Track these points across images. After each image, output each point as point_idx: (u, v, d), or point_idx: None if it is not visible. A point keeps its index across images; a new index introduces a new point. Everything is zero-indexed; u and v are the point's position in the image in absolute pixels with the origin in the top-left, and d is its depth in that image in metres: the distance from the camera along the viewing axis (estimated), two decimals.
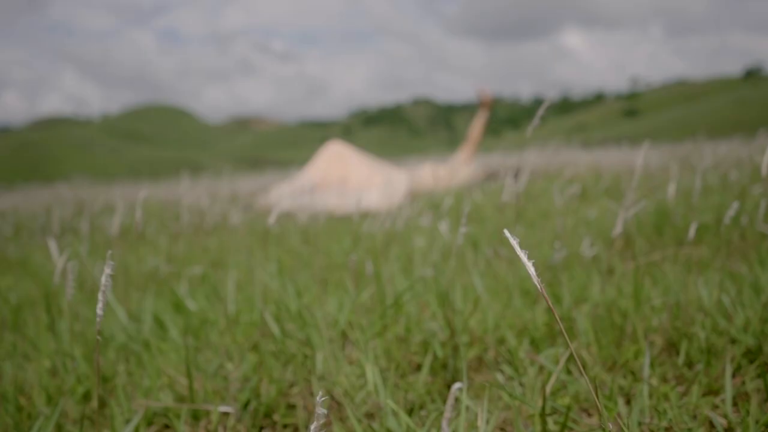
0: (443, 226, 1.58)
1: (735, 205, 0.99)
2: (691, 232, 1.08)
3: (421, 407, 0.96)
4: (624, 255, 2.03)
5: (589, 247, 1.76)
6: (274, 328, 1.16)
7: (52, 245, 1.45)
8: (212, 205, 5.01)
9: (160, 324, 1.42)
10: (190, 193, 6.92)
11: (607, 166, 5.85)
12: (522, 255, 0.48)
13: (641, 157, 1.13)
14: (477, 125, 4.98)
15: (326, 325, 1.22)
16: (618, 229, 1.09)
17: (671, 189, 1.62)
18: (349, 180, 4.49)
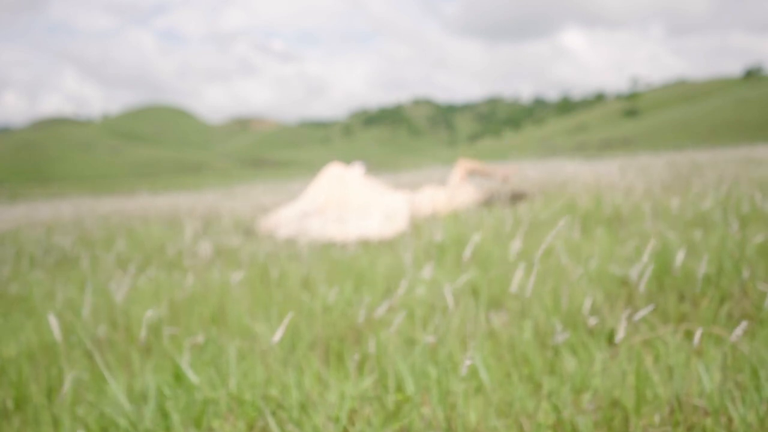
0: (449, 297, 1.58)
1: (743, 324, 0.99)
2: (696, 338, 1.08)
3: None
4: (626, 307, 2.02)
5: (590, 315, 1.75)
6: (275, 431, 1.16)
7: (53, 322, 1.45)
8: (212, 227, 5.01)
9: (161, 405, 1.42)
10: (191, 210, 6.93)
11: (607, 185, 5.85)
12: None
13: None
14: (480, 167, 4.98)
15: (327, 418, 1.23)
16: (620, 335, 1.09)
17: (679, 258, 1.62)
18: (349, 204, 4.49)
